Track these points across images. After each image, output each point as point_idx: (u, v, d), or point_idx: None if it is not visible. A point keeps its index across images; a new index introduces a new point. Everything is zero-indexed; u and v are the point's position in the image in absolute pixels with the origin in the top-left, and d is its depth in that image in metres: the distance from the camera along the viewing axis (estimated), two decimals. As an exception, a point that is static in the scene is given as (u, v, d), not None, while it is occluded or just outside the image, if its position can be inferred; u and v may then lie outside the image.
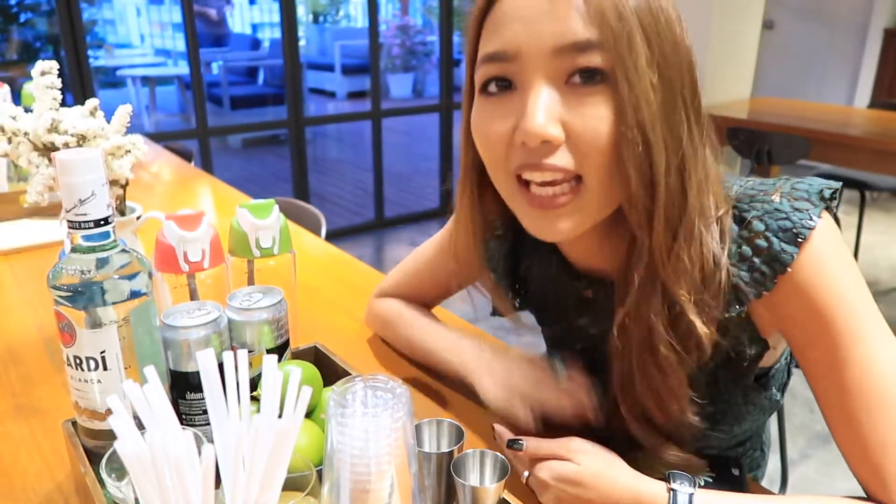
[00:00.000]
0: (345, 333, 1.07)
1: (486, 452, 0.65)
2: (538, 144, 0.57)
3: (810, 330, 0.63)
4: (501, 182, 0.64)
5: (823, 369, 0.63)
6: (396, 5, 9.34)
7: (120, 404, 0.42)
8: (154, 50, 9.50)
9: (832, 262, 0.61)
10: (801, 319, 0.63)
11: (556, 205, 0.60)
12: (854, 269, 0.63)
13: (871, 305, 0.62)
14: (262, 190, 5.01)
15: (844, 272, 0.62)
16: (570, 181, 0.60)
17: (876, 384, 0.60)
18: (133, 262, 0.63)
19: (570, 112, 0.57)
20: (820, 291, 0.61)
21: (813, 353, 0.63)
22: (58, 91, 0.92)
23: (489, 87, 0.61)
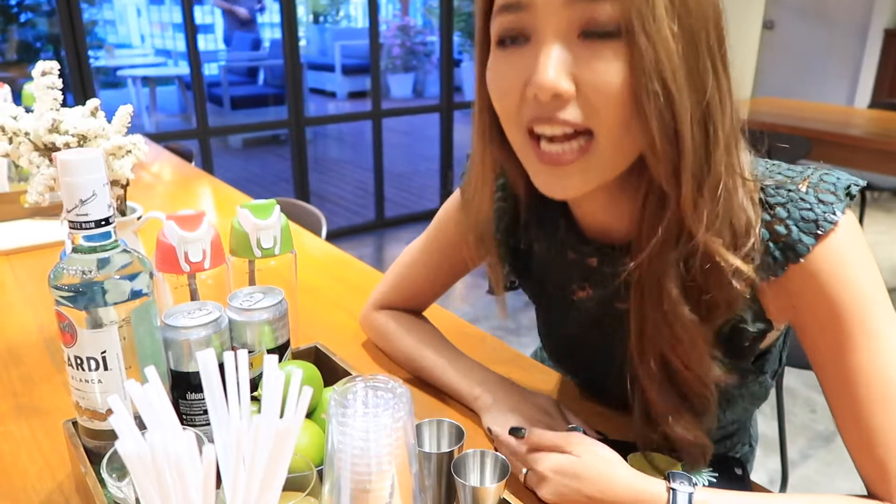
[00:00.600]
0: (345, 333, 1.07)
1: (486, 452, 0.65)
2: (549, 98, 0.57)
3: (821, 320, 0.63)
4: (514, 135, 0.64)
5: (831, 361, 0.63)
6: (397, 5, 9.34)
7: (121, 404, 0.42)
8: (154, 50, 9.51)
9: (850, 257, 0.62)
10: (812, 309, 0.63)
11: (565, 161, 0.60)
12: (872, 267, 0.63)
13: (886, 304, 0.62)
14: (263, 190, 5.01)
15: (862, 268, 0.62)
16: (580, 138, 0.59)
17: (883, 379, 0.60)
18: (134, 263, 0.63)
19: (582, 66, 0.56)
20: (835, 284, 0.61)
21: (822, 345, 0.64)
22: (58, 91, 0.92)
23: (504, 40, 0.60)
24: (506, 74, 0.61)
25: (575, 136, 0.59)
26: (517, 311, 3.02)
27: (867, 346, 0.61)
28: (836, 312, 0.62)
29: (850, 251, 0.62)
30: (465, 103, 5.40)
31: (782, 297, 0.65)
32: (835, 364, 0.63)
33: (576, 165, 0.60)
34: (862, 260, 0.63)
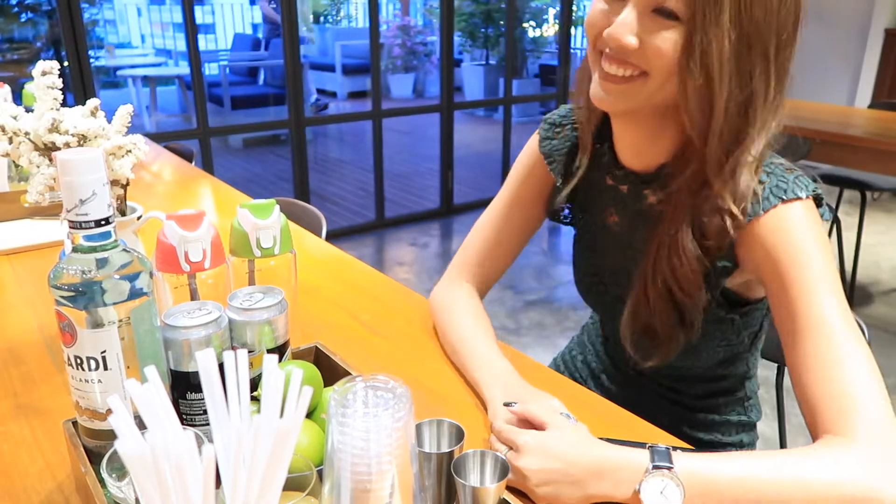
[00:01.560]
0: (345, 333, 1.07)
1: (486, 452, 0.65)
2: (615, 46, 0.77)
3: (773, 271, 0.77)
4: (589, 52, 0.84)
5: (784, 310, 0.76)
6: (397, 5, 9.34)
7: (121, 404, 0.42)
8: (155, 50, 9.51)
9: (803, 227, 0.77)
10: (769, 259, 0.77)
11: (617, 83, 0.79)
12: (824, 247, 0.76)
13: (830, 271, 0.75)
14: (263, 190, 5.01)
15: (813, 241, 0.76)
16: (633, 70, 0.78)
17: (824, 327, 0.72)
18: (134, 262, 0.63)
19: (647, 32, 0.75)
20: (787, 241, 0.76)
21: (775, 294, 0.77)
22: (59, 91, 0.92)
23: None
24: (597, 13, 0.81)
25: (629, 68, 0.78)
26: (517, 311, 3.02)
27: (813, 298, 0.73)
28: (785, 266, 0.76)
29: (805, 223, 0.77)
30: (465, 103, 5.40)
31: (747, 244, 0.80)
32: (787, 311, 0.75)
33: (623, 87, 0.79)
34: (813, 234, 0.76)
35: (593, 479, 0.67)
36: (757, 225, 0.78)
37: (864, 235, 3.24)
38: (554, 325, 2.93)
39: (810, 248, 0.75)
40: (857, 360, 0.70)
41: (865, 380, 0.69)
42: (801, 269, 0.75)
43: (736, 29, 0.72)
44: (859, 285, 3.33)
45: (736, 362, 0.99)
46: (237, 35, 8.78)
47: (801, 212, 0.78)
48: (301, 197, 3.90)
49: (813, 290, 0.74)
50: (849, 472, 0.65)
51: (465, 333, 0.97)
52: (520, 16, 8.15)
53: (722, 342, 0.92)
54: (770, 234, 0.77)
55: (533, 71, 8.35)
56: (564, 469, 0.68)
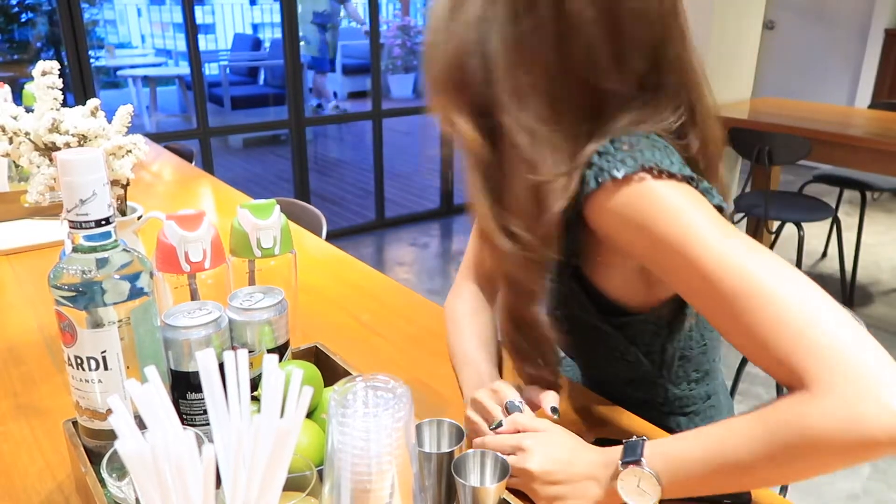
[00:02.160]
0: (345, 333, 1.07)
1: (486, 453, 0.65)
2: None
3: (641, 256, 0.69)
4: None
5: (689, 289, 0.65)
6: (397, 5, 9.34)
7: (121, 404, 0.42)
8: (155, 50, 9.51)
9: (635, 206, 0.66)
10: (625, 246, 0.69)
11: None
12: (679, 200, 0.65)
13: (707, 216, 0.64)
14: (263, 190, 5.01)
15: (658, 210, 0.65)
16: None
17: (736, 278, 0.60)
18: (134, 262, 0.63)
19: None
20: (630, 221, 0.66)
21: (674, 279, 0.67)
22: (59, 91, 0.92)
23: None
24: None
25: None
26: (517, 311, 3.01)
27: (703, 258, 0.62)
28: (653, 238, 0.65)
29: (640, 197, 0.66)
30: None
31: (592, 227, 0.72)
32: (690, 289, 0.65)
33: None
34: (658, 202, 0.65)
35: (589, 482, 0.67)
36: (589, 210, 0.70)
37: (864, 235, 3.24)
38: (554, 325, 2.92)
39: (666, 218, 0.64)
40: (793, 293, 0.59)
41: (814, 311, 0.58)
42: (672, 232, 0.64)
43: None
44: (859, 285, 3.33)
45: (649, 389, 0.89)
46: (237, 35, 8.78)
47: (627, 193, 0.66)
48: (301, 197, 3.90)
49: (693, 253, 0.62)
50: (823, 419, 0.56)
51: (459, 339, 0.95)
52: (520, 16, 8.12)
53: (612, 354, 0.85)
54: (605, 218, 0.69)
55: (533, 71, 8.33)
56: (566, 469, 0.68)
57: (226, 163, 5.82)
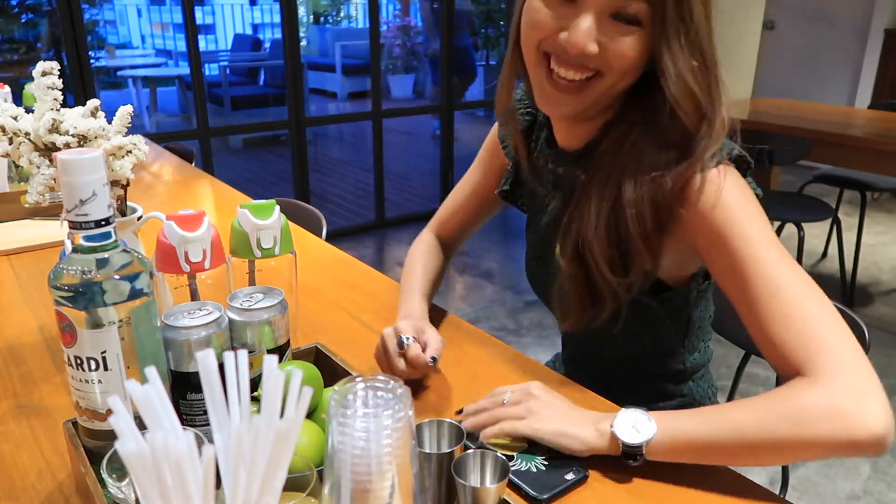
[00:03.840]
0: (345, 334, 1.07)
1: (486, 453, 0.65)
2: (576, 54, 0.76)
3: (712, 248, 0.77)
4: (530, 55, 0.82)
5: (729, 279, 0.76)
6: (397, 6, 9.34)
7: (121, 404, 0.42)
8: (155, 50, 9.51)
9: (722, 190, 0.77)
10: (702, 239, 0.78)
11: (570, 90, 0.80)
12: (747, 202, 0.78)
13: (763, 228, 0.76)
14: (263, 190, 5.01)
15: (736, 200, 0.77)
16: (588, 72, 0.78)
17: (767, 274, 0.73)
18: (134, 263, 0.63)
19: (607, 37, 0.75)
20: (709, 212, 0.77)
21: (720, 268, 0.78)
22: (59, 91, 0.92)
23: None
24: (544, 14, 0.78)
25: (587, 71, 0.78)
26: (517, 311, 3.01)
27: (749, 256, 0.74)
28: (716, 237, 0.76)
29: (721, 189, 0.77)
30: (465, 104, 5.40)
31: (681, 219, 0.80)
32: (728, 272, 0.76)
33: (578, 95, 0.80)
34: (735, 198, 0.77)
35: (583, 419, 0.75)
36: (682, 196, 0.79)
37: (864, 235, 3.24)
38: (554, 325, 2.92)
39: (739, 213, 0.76)
40: (811, 302, 0.72)
41: (825, 320, 0.70)
42: (735, 235, 0.75)
43: (689, 29, 0.75)
44: (859, 285, 3.33)
45: (669, 360, 0.99)
46: (237, 35, 8.78)
47: (720, 178, 0.78)
48: (301, 197, 3.90)
49: (753, 252, 0.74)
50: (823, 406, 0.65)
51: (409, 271, 1.11)
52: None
53: (645, 329, 0.92)
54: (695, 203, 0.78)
55: (533, 71, 8.34)
56: (567, 406, 0.77)
57: (226, 163, 5.82)
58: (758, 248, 0.74)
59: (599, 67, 0.77)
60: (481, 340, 1.04)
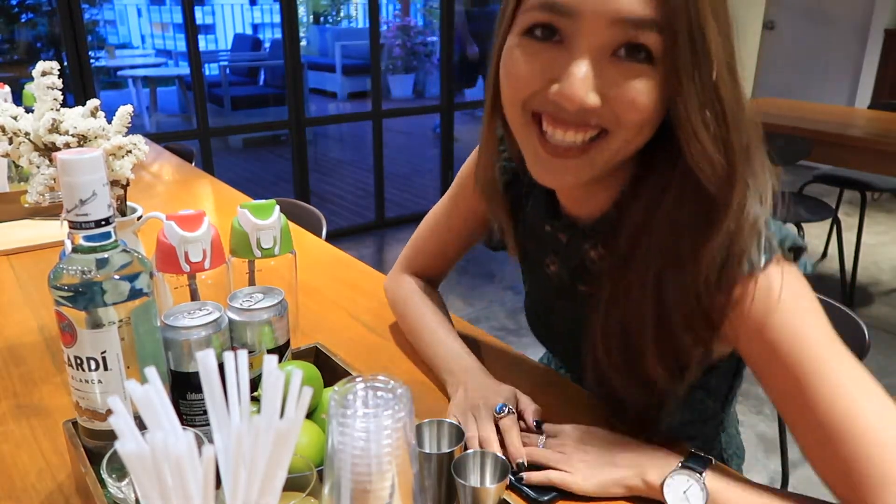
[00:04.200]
0: (345, 334, 1.07)
1: (486, 453, 0.65)
2: (575, 109, 0.59)
3: (759, 357, 0.65)
4: (516, 118, 0.66)
5: (788, 397, 0.63)
6: (397, 6, 9.34)
7: (121, 405, 0.42)
8: (155, 50, 9.51)
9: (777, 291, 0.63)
10: (748, 344, 0.65)
11: (570, 154, 0.63)
12: (807, 303, 0.64)
13: (827, 334, 0.62)
14: (263, 190, 5.01)
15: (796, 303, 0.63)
16: (590, 131, 0.62)
17: (844, 409, 0.59)
18: (134, 263, 0.63)
19: (611, 83, 0.59)
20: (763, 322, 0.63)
21: (772, 383, 0.65)
22: (59, 91, 0.92)
23: (535, 31, 0.61)
24: (527, 64, 0.62)
25: (589, 130, 0.62)
26: (517, 311, 3.01)
27: (818, 379, 0.60)
28: (771, 350, 0.63)
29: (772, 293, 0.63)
30: (465, 104, 5.40)
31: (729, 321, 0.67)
32: (790, 398, 0.63)
33: (581, 158, 0.63)
34: (795, 300, 0.63)
35: (627, 463, 0.69)
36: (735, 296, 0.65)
37: (864, 235, 3.24)
38: (554, 325, 2.92)
39: (798, 323, 0.63)
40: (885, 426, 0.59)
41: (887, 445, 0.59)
42: (795, 351, 0.62)
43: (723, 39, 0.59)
44: (859, 285, 3.32)
45: (704, 423, 0.88)
46: (237, 35, 8.78)
47: (777, 277, 0.63)
48: (301, 197, 3.90)
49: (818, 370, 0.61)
50: None
51: (419, 315, 0.97)
52: (520, 16, 8.13)
53: (681, 405, 0.79)
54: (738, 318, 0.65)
55: (533, 71, 8.34)
56: (608, 445, 0.71)
57: (226, 163, 5.82)
58: (823, 365, 0.61)
59: (605, 124, 0.61)
60: (482, 340, 1.04)
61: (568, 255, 0.79)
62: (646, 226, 0.66)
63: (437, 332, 0.94)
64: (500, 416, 0.76)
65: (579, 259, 0.77)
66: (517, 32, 0.63)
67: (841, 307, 1.03)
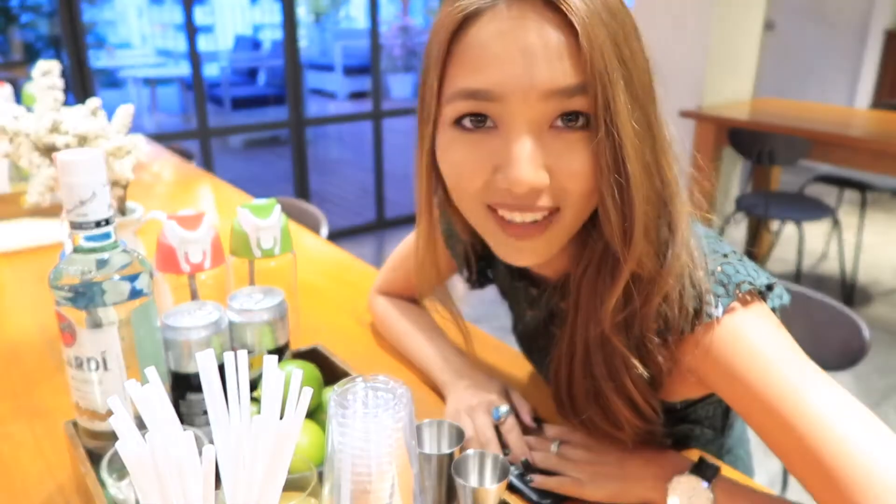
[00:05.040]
0: (345, 334, 1.07)
1: (486, 453, 0.65)
2: (525, 192, 0.57)
3: (732, 395, 0.63)
4: (470, 209, 0.64)
5: (776, 436, 0.60)
6: (397, 6, 9.35)
7: (121, 405, 0.42)
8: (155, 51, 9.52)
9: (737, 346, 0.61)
10: (718, 385, 0.63)
11: (532, 234, 0.61)
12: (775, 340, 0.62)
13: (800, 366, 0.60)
14: (263, 190, 4.98)
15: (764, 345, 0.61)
16: (547, 212, 0.61)
17: (827, 435, 0.57)
18: (134, 263, 0.63)
19: (554, 156, 0.57)
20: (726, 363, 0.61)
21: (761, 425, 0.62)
22: (59, 92, 0.92)
23: (463, 121, 0.59)
24: (468, 157, 0.60)
25: (539, 211, 0.60)
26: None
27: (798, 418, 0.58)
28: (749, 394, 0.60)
29: (736, 338, 0.61)
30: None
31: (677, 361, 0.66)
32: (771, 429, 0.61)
33: (543, 237, 0.62)
34: (753, 344, 0.61)
35: (641, 474, 0.69)
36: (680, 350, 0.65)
37: (864, 235, 3.24)
38: (554, 325, 2.92)
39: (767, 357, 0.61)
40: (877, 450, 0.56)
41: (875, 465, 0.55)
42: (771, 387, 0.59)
43: (636, 106, 0.57)
44: (859, 285, 3.33)
45: (705, 448, 0.84)
46: (237, 36, 8.79)
47: (723, 334, 0.62)
48: (301, 197, 3.90)
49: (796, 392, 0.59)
50: None
51: (406, 332, 0.97)
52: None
53: (674, 437, 0.79)
54: (701, 359, 0.63)
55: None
56: (620, 459, 0.71)
57: (226, 163, 5.82)
58: (802, 401, 0.58)
59: (556, 202, 0.59)
60: (482, 341, 1.04)
61: (540, 306, 0.79)
62: (579, 288, 0.66)
63: (417, 338, 0.95)
64: (500, 422, 0.77)
65: (551, 308, 0.77)
66: (446, 124, 0.61)
67: (841, 307, 1.03)
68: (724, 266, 0.64)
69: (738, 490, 0.66)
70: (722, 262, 0.64)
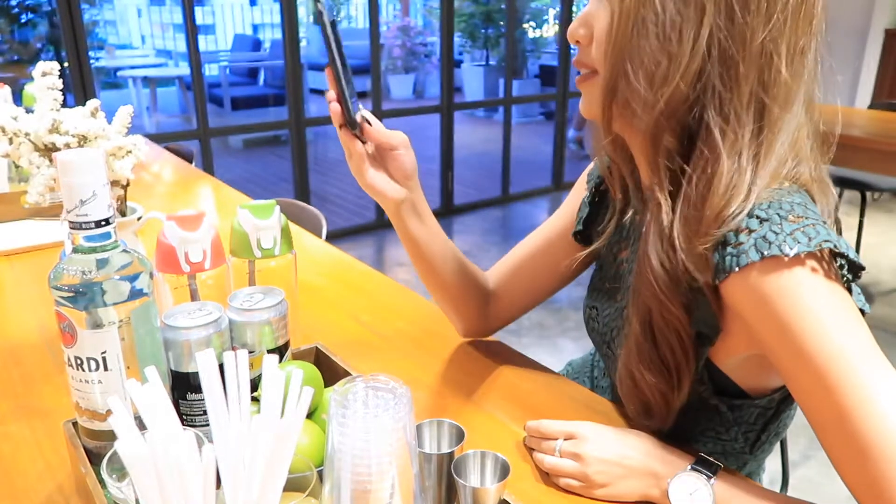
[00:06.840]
0: (346, 334, 1.07)
1: (486, 453, 0.65)
2: (574, 43, 0.71)
3: (775, 343, 0.62)
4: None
5: (814, 403, 0.60)
6: (397, 6, 9.35)
7: (121, 405, 0.42)
8: (155, 51, 9.52)
9: (798, 289, 0.60)
10: (762, 327, 0.62)
11: (579, 83, 0.73)
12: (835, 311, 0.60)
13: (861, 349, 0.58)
14: (263, 190, 5.01)
15: (815, 306, 0.59)
16: (588, 70, 0.70)
17: (868, 409, 0.56)
18: (134, 263, 0.63)
19: (594, 18, 0.68)
20: (780, 306, 0.60)
21: (801, 387, 0.61)
22: (59, 92, 0.92)
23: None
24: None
25: (582, 67, 0.71)
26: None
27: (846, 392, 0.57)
28: (789, 338, 0.60)
29: (799, 285, 0.60)
30: (465, 104, 5.40)
31: (728, 304, 0.66)
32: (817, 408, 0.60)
33: (582, 89, 0.72)
34: (817, 300, 0.60)
35: (642, 471, 0.70)
36: (732, 285, 0.64)
37: (864, 235, 3.24)
38: (554, 325, 2.93)
39: (815, 316, 0.59)
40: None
41: None
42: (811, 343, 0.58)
43: None
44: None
45: (727, 459, 0.83)
46: (237, 35, 8.79)
47: (794, 274, 0.60)
48: (301, 197, 3.90)
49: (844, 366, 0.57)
50: None
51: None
52: (520, 16, 8.16)
53: (709, 432, 0.79)
54: (752, 298, 0.62)
55: (533, 71, 8.36)
56: (621, 457, 0.71)
57: (226, 163, 5.82)
58: (853, 374, 0.57)
59: (587, 61, 0.69)
60: (481, 341, 1.04)
61: (633, 233, 0.84)
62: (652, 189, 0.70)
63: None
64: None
65: (638, 234, 0.80)
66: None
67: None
68: (818, 227, 0.62)
69: (739, 487, 0.66)
70: (815, 222, 0.62)
